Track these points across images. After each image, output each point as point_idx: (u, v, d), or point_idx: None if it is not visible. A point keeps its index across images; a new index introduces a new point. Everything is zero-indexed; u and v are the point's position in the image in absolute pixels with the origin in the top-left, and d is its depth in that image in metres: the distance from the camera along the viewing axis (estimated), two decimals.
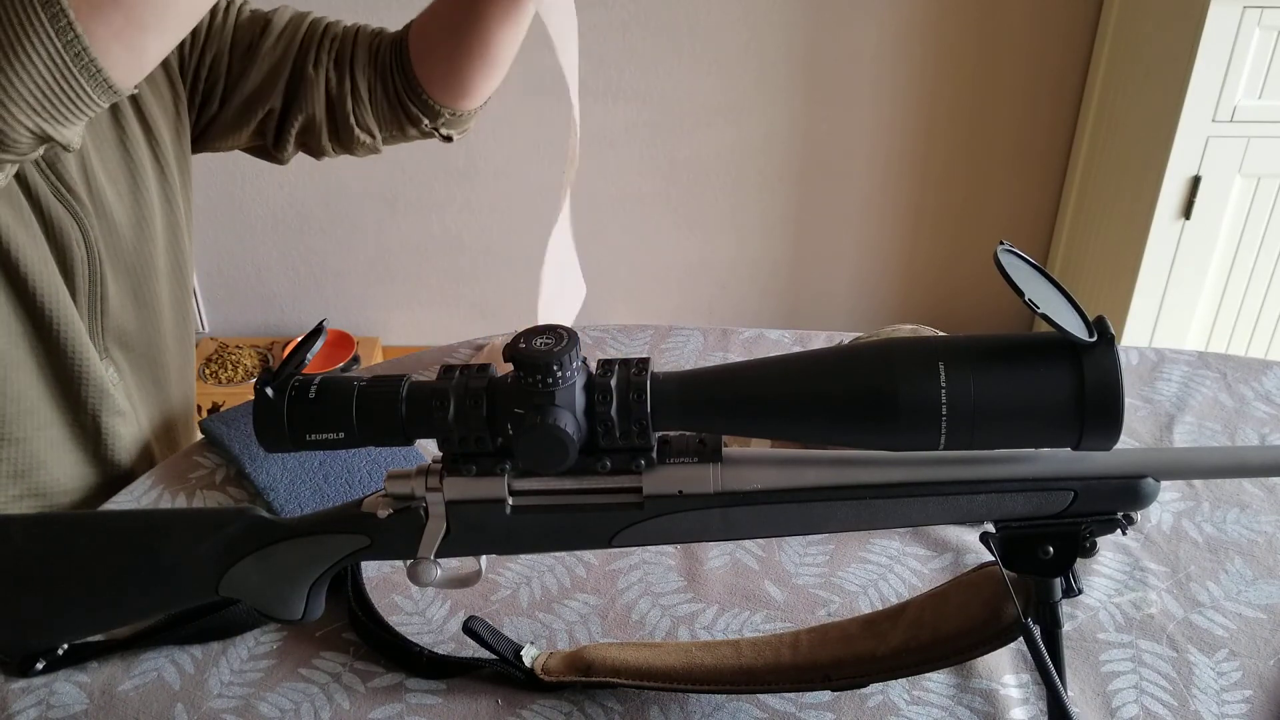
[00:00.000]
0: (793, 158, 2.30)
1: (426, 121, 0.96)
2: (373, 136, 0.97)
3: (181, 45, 0.93)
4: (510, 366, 0.55)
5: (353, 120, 0.95)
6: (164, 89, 0.93)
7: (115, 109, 0.89)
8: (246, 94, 0.94)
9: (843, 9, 2.13)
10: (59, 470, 0.93)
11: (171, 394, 1.04)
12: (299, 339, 0.56)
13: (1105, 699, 0.70)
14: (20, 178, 0.83)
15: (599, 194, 2.33)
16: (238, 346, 2.41)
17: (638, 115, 2.24)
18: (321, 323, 0.58)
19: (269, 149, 0.99)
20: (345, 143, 0.98)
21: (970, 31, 2.15)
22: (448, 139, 1.00)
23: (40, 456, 0.91)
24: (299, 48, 0.94)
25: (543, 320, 0.79)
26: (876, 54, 2.18)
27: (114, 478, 0.97)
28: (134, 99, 0.90)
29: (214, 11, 0.94)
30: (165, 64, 0.92)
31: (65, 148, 0.64)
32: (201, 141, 1.00)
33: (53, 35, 0.58)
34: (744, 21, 2.14)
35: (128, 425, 0.96)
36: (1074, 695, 0.70)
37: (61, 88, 0.60)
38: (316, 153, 1.00)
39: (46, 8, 0.57)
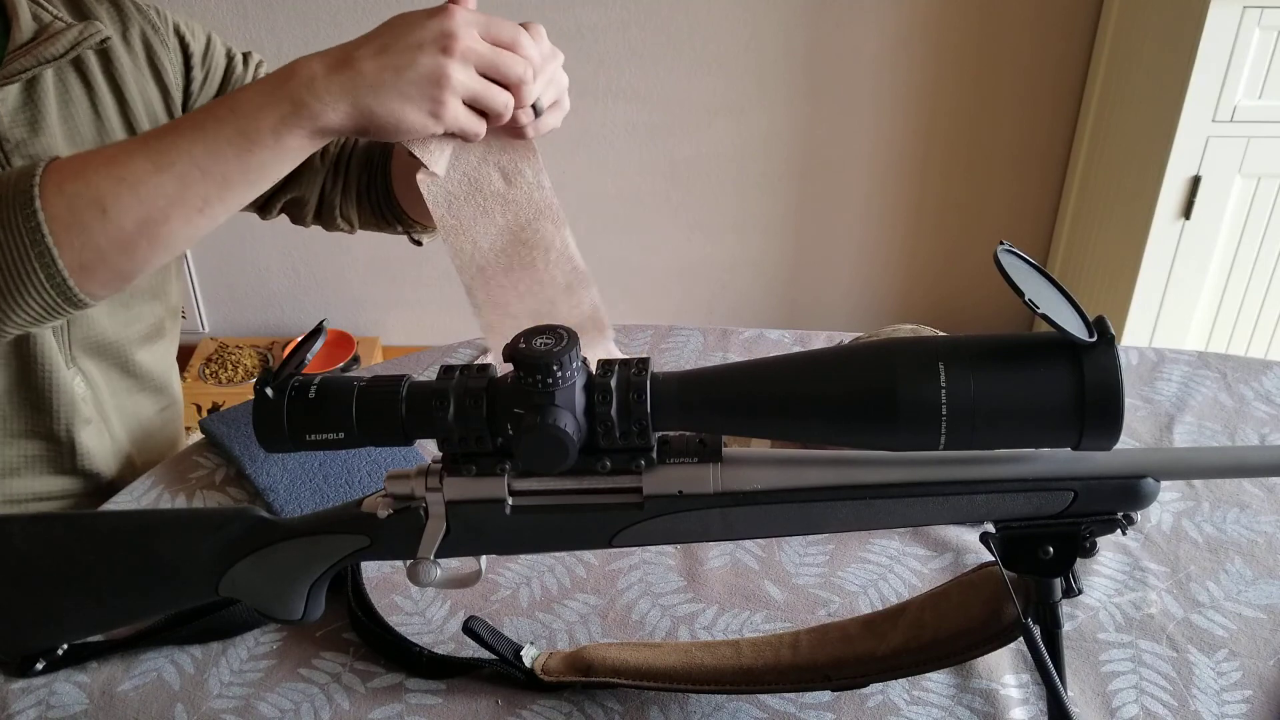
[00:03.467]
0: (793, 158, 2.30)
1: (400, 227, 1.01)
2: (351, 225, 1.02)
3: (189, 89, 0.96)
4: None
5: (337, 211, 1.00)
6: (161, 115, 0.94)
7: (100, 123, 0.89)
8: None
9: (843, 9, 2.13)
10: (31, 478, 0.93)
11: (150, 402, 1.04)
12: (299, 339, 0.56)
13: (1105, 699, 0.70)
14: None
15: (599, 194, 2.33)
16: (238, 346, 2.41)
17: (638, 115, 2.24)
18: (321, 323, 0.58)
19: (256, 209, 1.02)
20: (325, 223, 1.03)
21: (970, 32, 2.15)
22: (418, 243, 1.04)
23: (12, 464, 0.92)
24: None
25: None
26: (877, 54, 2.18)
27: (89, 487, 0.98)
28: (126, 117, 0.91)
29: (231, 68, 0.97)
30: (166, 96, 0.94)
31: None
32: None
33: (49, 289, 0.68)
34: (744, 21, 2.14)
35: (97, 434, 0.96)
36: (1074, 695, 0.70)
37: (48, 314, 0.70)
38: (297, 221, 1.04)
39: (50, 277, 0.68)
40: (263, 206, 1.01)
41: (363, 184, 0.99)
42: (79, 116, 0.88)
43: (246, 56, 0.99)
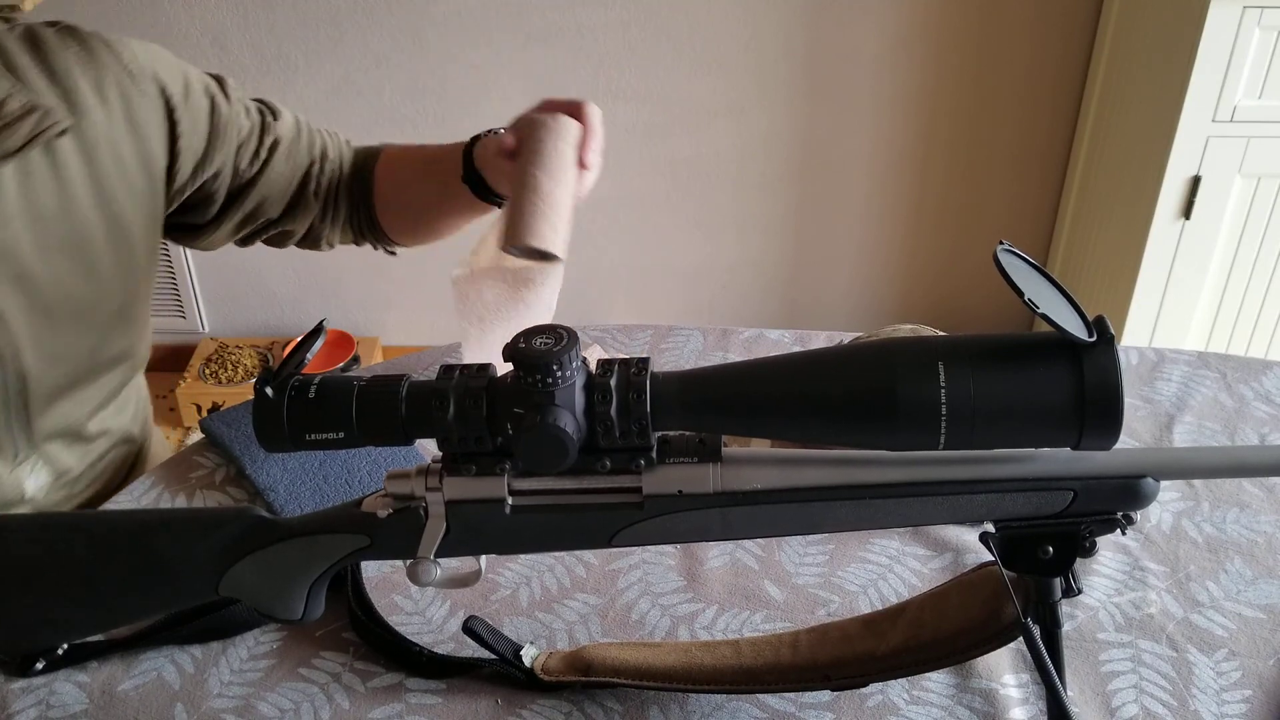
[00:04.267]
0: (793, 158, 2.30)
1: (380, 247, 1.05)
2: (331, 246, 1.04)
3: (176, 135, 0.87)
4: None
5: (324, 238, 1.01)
6: (140, 186, 0.86)
7: (66, 198, 0.81)
8: (249, 209, 0.95)
9: (843, 9, 2.12)
10: None
11: (119, 460, 1.01)
12: (299, 339, 0.56)
13: (1105, 699, 0.70)
14: None
15: (599, 194, 2.32)
16: (238, 346, 2.41)
17: (638, 115, 2.24)
18: (321, 323, 0.58)
19: (237, 242, 1.00)
20: (307, 246, 1.03)
21: (971, 32, 2.15)
22: (392, 253, 1.07)
23: None
24: (304, 172, 0.96)
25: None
26: (877, 54, 2.17)
27: None
28: (98, 185, 0.82)
29: (215, 108, 0.89)
30: (145, 149, 0.85)
31: None
32: (183, 238, 0.97)
33: None
34: (744, 21, 2.14)
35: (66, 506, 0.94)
36: (1074, 695, 0.70)
37: None
38: (274, 245, 1.03)
39: None
40: (248, 239, 0.99)
41: (349, 211, 1.00)
42: (39, 190, 0.79)
43: (222, 84, 0.91)
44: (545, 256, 0.78)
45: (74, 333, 0.85)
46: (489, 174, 0.90)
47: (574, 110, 0.84)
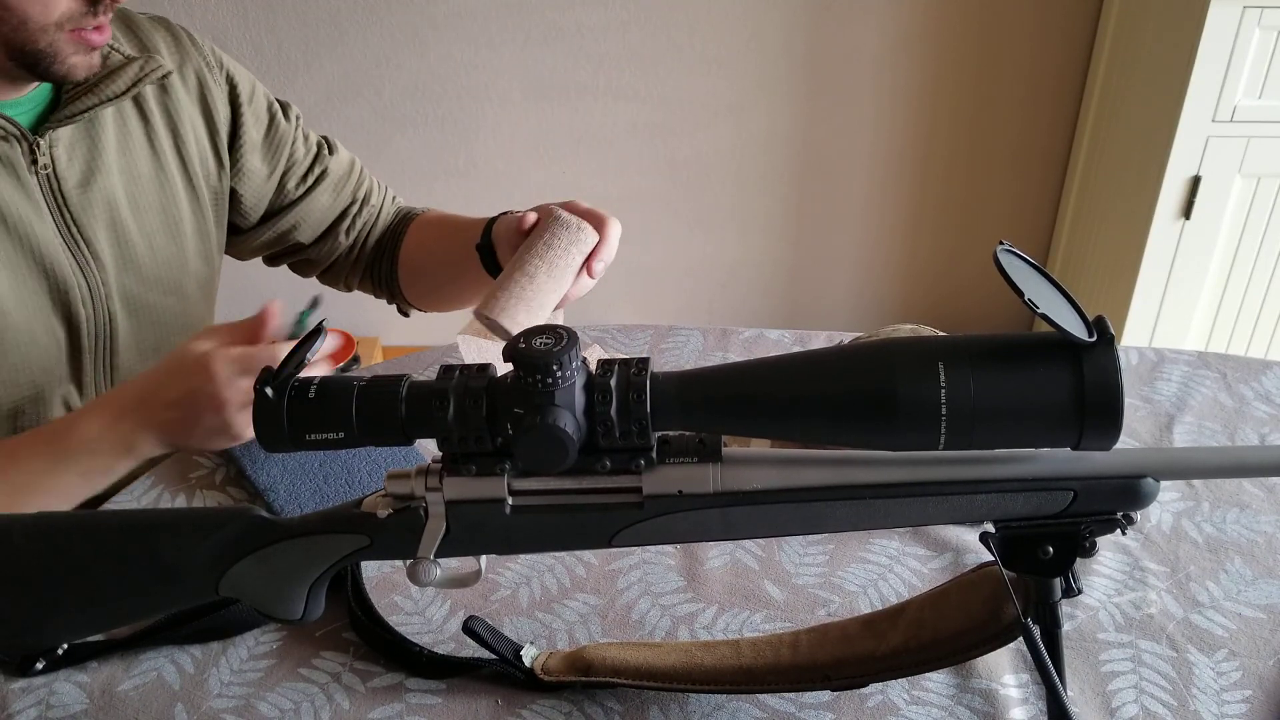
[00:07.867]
0: (793, 157, 2.30)
1: (396, 305, 1.11)
2: (348, 288, 1.13)
3: (239, 129, 0.96)
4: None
5: (344, 277, 1.08)
6: (212, 165, 0.95)
7: (156, 158, 0.90)
8: (284, 228, 1.02)
9: (844, 9, 2.13)
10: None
11: None
12: (299, 339, 0.56)
13: (1105, 699, 0.70)
14: (24, 234, 0.83)
15: (599, 194, 2.33)
16: None
17: (638, 115, 2.24)
18: (321, 322, 0.58)
19: (266, 260, 1.09)
20: (327, 281, 1.10)
21: (971, 32, 2.15)
22: (405, 314, 1.14)
23: None
24: (342, 210, 1.04)
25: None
26: (877, 54, 2.18)
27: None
28: (180, 153, 0.92)
29: (274, 120, 0.99)
30: (214, 135, 0.94)
31: None
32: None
33: None
34: (744, 21, 2.14)
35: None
36: (1074, 695, 0.70)
37: None
38: (298, 273, 1.10)
39: None
40: (272, 258, 1.07)
41: (371, 258, 1.06)
42: (136, 153, 0.88)
43: (285, 108, 1.01)
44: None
45: (159, 292, 0.93)
46: (500, 248, 0.93)
47: (597, 220, 0.85)
